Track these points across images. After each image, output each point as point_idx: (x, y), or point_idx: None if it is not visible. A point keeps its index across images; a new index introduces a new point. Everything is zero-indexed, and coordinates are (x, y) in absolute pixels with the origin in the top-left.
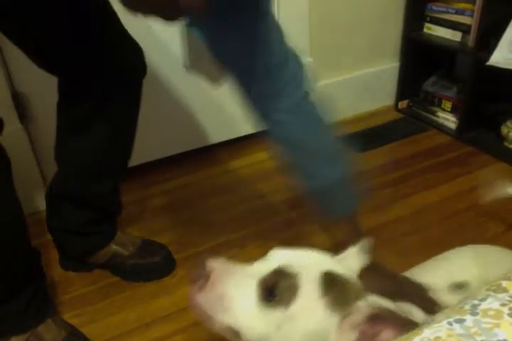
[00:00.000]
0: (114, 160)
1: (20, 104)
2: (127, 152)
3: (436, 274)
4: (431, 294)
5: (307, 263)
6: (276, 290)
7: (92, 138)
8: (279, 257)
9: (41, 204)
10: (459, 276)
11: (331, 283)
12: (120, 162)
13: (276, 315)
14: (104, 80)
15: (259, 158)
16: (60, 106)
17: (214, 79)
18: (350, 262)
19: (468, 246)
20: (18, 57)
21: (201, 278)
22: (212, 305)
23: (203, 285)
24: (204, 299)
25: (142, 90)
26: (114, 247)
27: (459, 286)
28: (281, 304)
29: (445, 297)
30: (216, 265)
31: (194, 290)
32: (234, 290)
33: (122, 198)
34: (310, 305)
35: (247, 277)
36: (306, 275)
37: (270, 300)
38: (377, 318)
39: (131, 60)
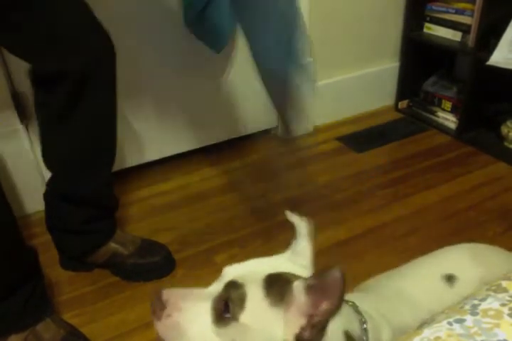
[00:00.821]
0: (102, 151)
1: (20, 104)
2: (111, 141)
3: (428, 266)
4: None
5: (252, 272)
6: (229, 304)
7: (74, 130)
8: (230, 273)
9: (41, 204)
10: (450, 269)
11: (273, 283)
12: (107, 152)
13: (230, 330)
14: (75, 66)
15: (259, 158)
16: (37, 100)
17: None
18: (300, 254)
19: (463, 243)
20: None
21: (158, 308)
22: (171, 334)
23: (161, 315)
24: (163, 328)
25: (115, 74)
26: (113, 246)
27: (450, 278)
28: (232, 317)
29: (438, 287)
30: (171, 293)
31: (155, 321)
32: (189, 315)
33: (122, 198)
34: (257, 309)
35: (201, 300)
36: (251, 283)
37: (224, 318)
38: (312, 289)
39: (100, 44)
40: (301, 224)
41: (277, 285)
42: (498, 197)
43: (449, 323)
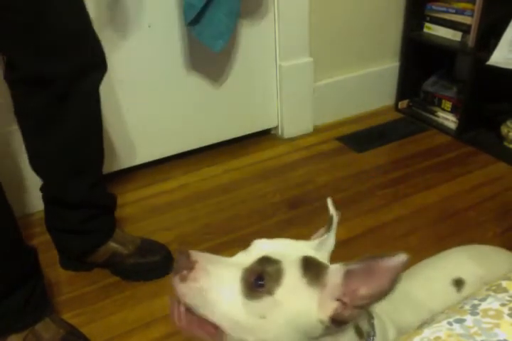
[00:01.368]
0: (91, 151)
1: None
2: (100, 140)
3: (436, 270)
4: None
5: (286, 250)
6: (263, 277)
7: (64, 131)
8: (260, 247)
9: (41, 203)
10: (457, 273)
11: (310, 265)
12: (96, 152)
13: (261, 304)
14: (75, 67)
15: (259, 158)
16: (24, 102)
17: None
18: (324, 246)
19: (467, 245)
20: None
21: (184, 268)
22: (195, 297)
23: (186, 276)
24: (187, 290)
25: (100, 84)
26: (113, 246)
27: (458, 283)
28: (266, 292)
29: (448, 291)
30: (199, 255)
31: (176, 281)
32: (217, 281)
33: (122, 198)
34: (294, 287)
35: (231, 268)
36: (288, 260)
37: (255, 290)
38: (351, 274)
39: (97, 45)
40: (335, 218)
41: (314, 267)
42: (498, 197)
43: (449, 323)
